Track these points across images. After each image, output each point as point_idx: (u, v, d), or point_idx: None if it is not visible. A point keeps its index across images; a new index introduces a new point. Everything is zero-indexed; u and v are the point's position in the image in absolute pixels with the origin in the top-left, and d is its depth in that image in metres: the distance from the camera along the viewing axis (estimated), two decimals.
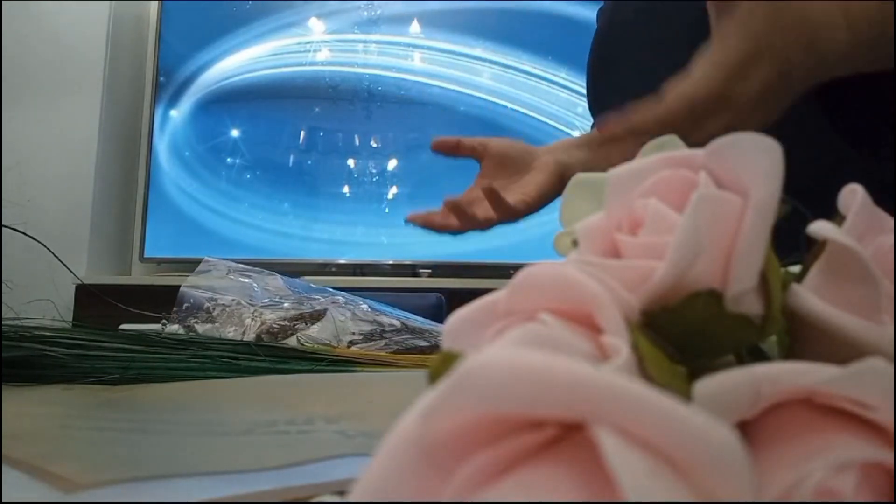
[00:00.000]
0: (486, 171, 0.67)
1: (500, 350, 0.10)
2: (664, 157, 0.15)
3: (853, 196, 0.14)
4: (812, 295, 0.13)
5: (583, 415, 0.09)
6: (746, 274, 0.13)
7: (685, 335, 0.12)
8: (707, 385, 0.11)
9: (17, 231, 0.51)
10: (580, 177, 0.18)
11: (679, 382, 0.11)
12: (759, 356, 0.14)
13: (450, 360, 0.12)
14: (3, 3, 1.90)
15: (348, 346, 0.60)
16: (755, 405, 0.11)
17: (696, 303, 0.12)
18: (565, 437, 0.10)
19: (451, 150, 0.65)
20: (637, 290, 0.13)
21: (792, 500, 0.10)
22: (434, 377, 0.12)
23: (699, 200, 0.13)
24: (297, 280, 0.73)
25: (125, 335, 0.48)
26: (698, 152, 0.14)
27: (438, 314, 1.40)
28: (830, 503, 0.10)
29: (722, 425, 0.09)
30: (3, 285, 0.50)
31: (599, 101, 0.70)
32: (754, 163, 0.13)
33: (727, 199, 0.13)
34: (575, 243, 0.15)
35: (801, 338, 0.13)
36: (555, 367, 0.09)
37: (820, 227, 0.13)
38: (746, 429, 0.11)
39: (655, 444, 0.09)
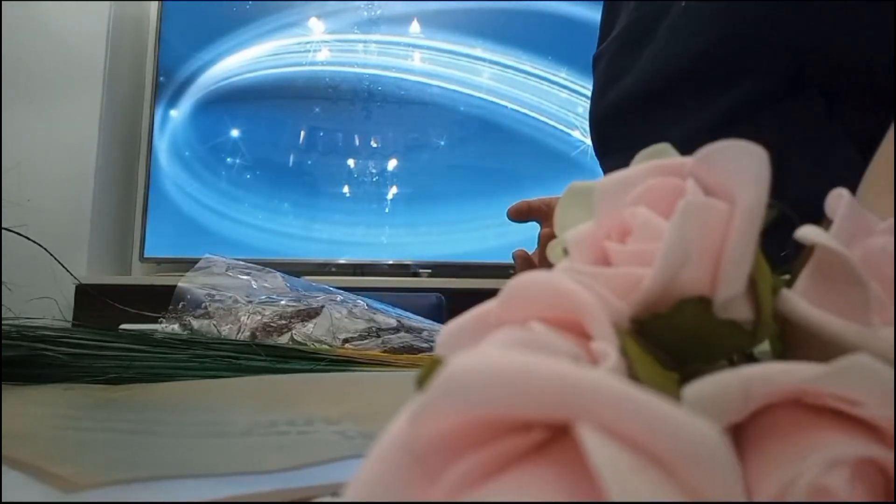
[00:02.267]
0: (549, 228, 0.72)
1: (482, 353, 0.10)
2: (652, 165, 0.15)
3: (839, 200, 0.14)
4: (802, 299, 0.13)
5: (566, 414, 0.10)
6: (735, 279, 0.13)
7: (676, 342, 0.13)
8: (696, 388, 0.11)
9: (18, 234, 0.51)
10: (575, 185, 0.18)
11: (670, 386, 0.11)
12: (751, 362, 0.14)
13: (436, 365, 0.12)
14: (3, 3, 1.90)
15: (343, 344, 0.60)
16: (745, 407, 0.11)
17: (685, 309, 0.12)
18: (553, 439, 0.10)
19: (525, 215, 0.71)
20: (627, 297, 0.13)
21: (786, 500, 0.10)
22: (421, 382, 0.12)
23: (686, 207, 0.13)
24: (296, 278, 0.73)
25: (125, 335, 0.48)
26: (686, 160, 0.15)
27: (438, 314, 1.40)
28: (825, 502, 0.10)
29: (704, 421, 0.09)
30: (3, 286, 0.50)
31: (608, 154, 0.73)
32: (741, 169, 0.13)
33: (714, 206, 0.13)
34: (566, 252, 0.15)
35: (793, 343, 0.14)
36: (536, 367, 0.10)
37: (808, 232, 0.13)
38: (738, 431, 0.11)
39: (639, 441, 0.09)
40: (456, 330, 0.15)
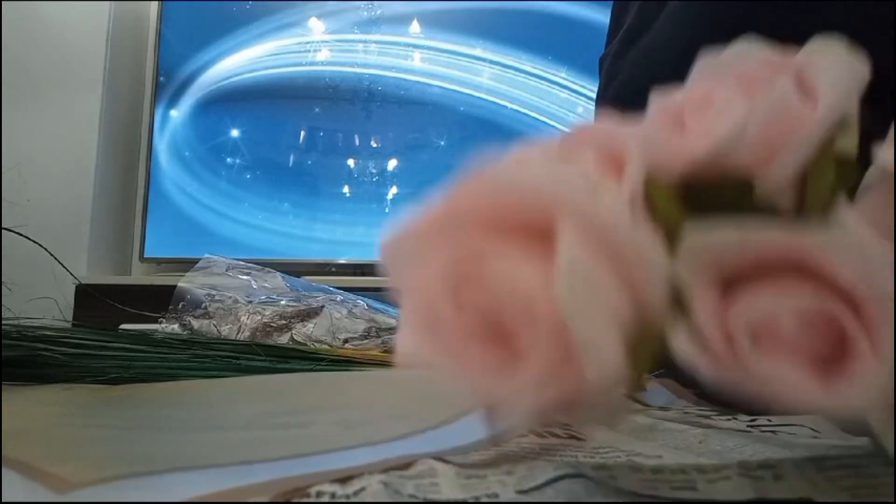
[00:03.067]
0: None
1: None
2: (765, 56, 0.15)
3: None
4: (852, 213, 0.13)
5: (552, 209, 0.12)
6: (784, 165, 0.13)
7: (708, 214, 0.13)
8: (697, 235, 0.12)
9: (18, 234, 0.51)
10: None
11: (677, 228, 0.12)
12: None
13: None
14: (2, 3, 1.90)
15: (343, 344, 0.60)
16: (740, 259, 0.12)
17: (727, 188, 0.13)
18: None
19: None
20: (677, 160, 0.14)
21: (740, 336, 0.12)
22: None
23: (766, 94, 0.13)
24: (296, 278, 0.73)
25: (125, 335, 0.48)
26: (798, 58, 0.15)
27: None
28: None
29: (650, 232, 0.11)
30: (3, 286, 0.50)
31: None
32: (834, 74, 0.14)
33: (794, 102, 0.14)
34: None
35: None
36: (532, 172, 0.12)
37: (887, 159, 0.14)
38: (727, 289, 0.12)
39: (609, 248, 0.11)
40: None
